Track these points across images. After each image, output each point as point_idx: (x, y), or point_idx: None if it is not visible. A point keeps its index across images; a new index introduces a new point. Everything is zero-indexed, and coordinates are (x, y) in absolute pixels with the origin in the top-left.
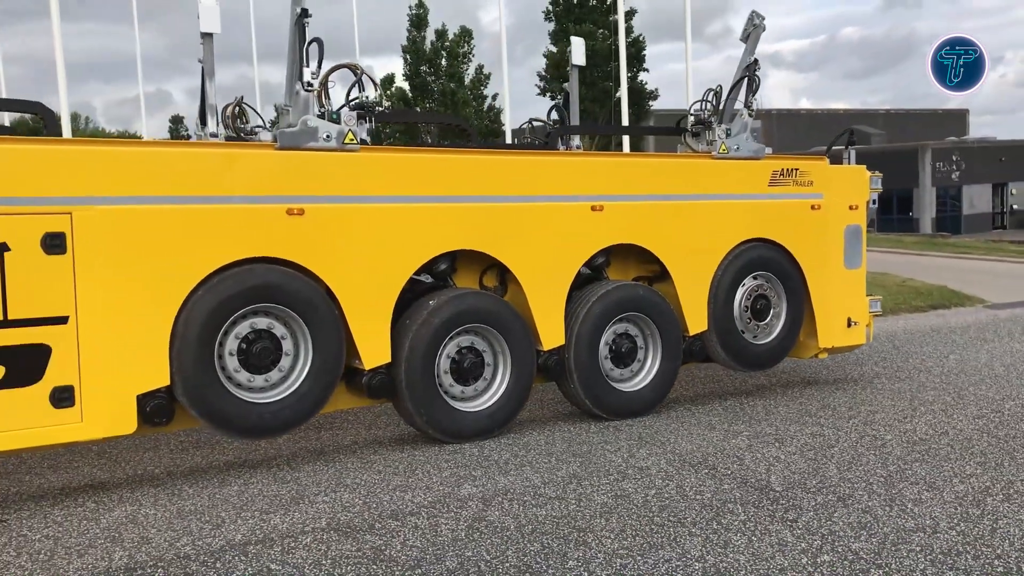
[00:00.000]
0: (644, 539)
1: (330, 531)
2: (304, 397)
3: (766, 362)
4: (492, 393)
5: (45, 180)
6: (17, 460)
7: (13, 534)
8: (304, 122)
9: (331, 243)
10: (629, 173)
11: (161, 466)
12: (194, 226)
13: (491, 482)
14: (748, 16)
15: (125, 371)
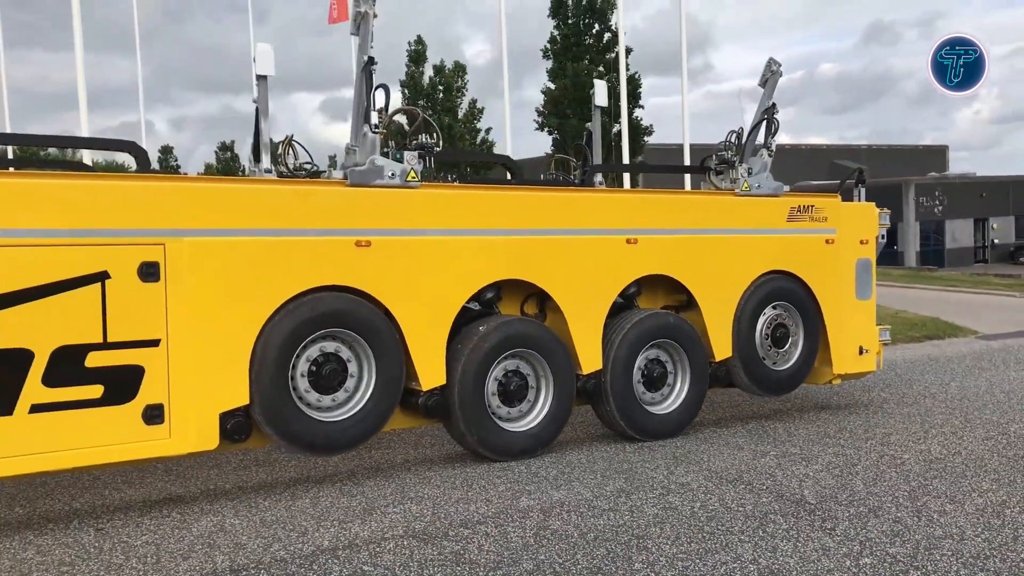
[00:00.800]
0: (699, 545)
1: (408, 538)
2: (368, 416)
3: (785, 387)
4: (536, 414)
5: (142, 213)
6: (91, 476)
7: (115, 540)
8: (372, 161)
9: (394, 273)
10: (661, 209)
11: (229, 482)
12: (273, 257)
13: (545, 496)
14: (766, 63)
15: (209, 391)
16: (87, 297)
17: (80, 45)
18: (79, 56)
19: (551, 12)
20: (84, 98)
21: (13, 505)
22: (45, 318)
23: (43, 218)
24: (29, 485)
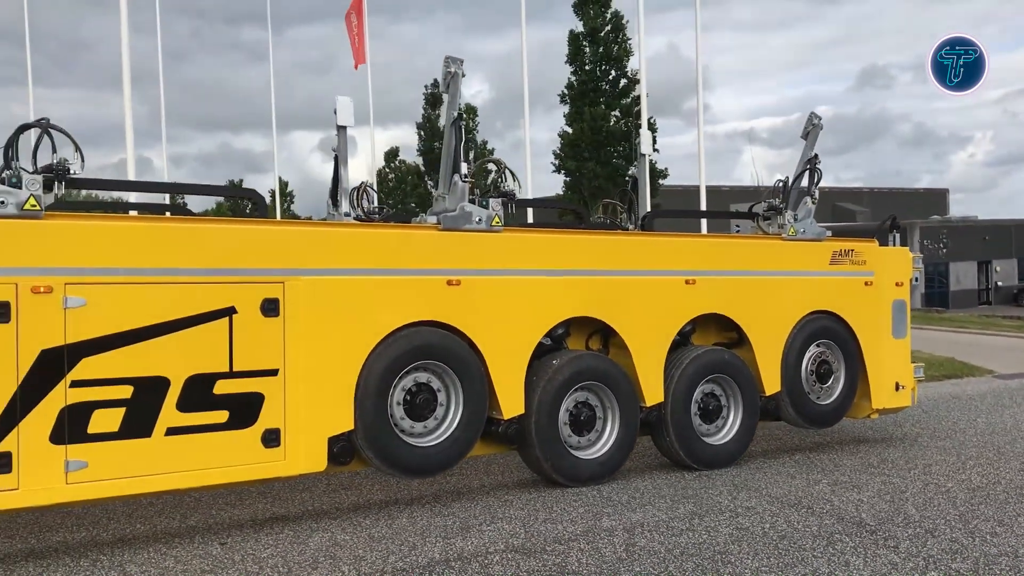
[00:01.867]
0: (777, 560)
1: (510, 552)
2: (456, 442)
3: (828, 421)
4: (603, 443)
5: (265, 254)
6: (193, 498)
7: (243, 553)
8: (461, 207)
9: (480, 309)
10: (717, 252)
11: (325, 503)
12: (376, 294)
13: (624, 517)
14: (808, 116)
15: (319, 417)
16: (217, 330)
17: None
18: (127, 96)
19: (568, 59)
20: (131, 138)
21: (133, 522)
22: (180, 349)
23: (180, 258)
24: (139, 505)
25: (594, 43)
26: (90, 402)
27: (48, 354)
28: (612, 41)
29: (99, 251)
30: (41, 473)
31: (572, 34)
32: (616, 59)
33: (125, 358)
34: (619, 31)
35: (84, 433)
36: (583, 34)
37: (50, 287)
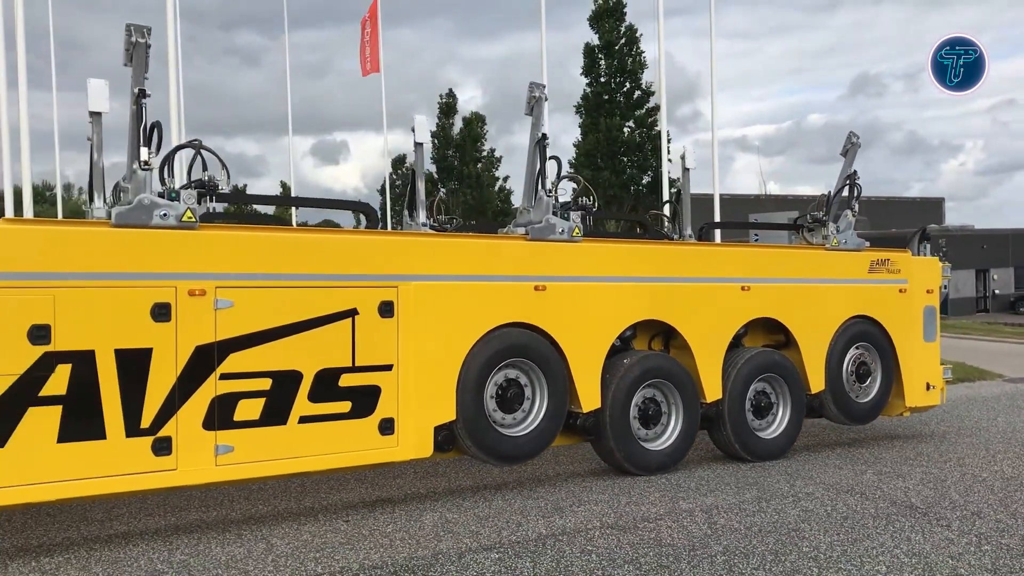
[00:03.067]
0: (846, 535)
1: (607, 528)
2: (542, 433)
3: (867, 418)
4: (668, 435)
5: (381, 262)
6: (299, 483)
7: (370, 529)
8: (547, 220)
9: (563, 312)
10: (769, 261)
11: (420, 488)
12: (475, 298)
13: (698, 501)
14: (847, 136)
15: (427, 407)
16: (341, 329)
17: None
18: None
19: (584, 71)
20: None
21: (256, 503)
22: (311, 346)
23: (312, 265)
24: (251, 490)
25: (609, 56)
26: (236, 393)
27: (201, 350)
28: (627, 54)
29: (245, 258)
30: (195, 456)
31: (588, 47)
32: (631, 71)
33: (265, 354)
34: (633, 44)
35: (231, 420)
36: (599, 47)
37: (204, 290)
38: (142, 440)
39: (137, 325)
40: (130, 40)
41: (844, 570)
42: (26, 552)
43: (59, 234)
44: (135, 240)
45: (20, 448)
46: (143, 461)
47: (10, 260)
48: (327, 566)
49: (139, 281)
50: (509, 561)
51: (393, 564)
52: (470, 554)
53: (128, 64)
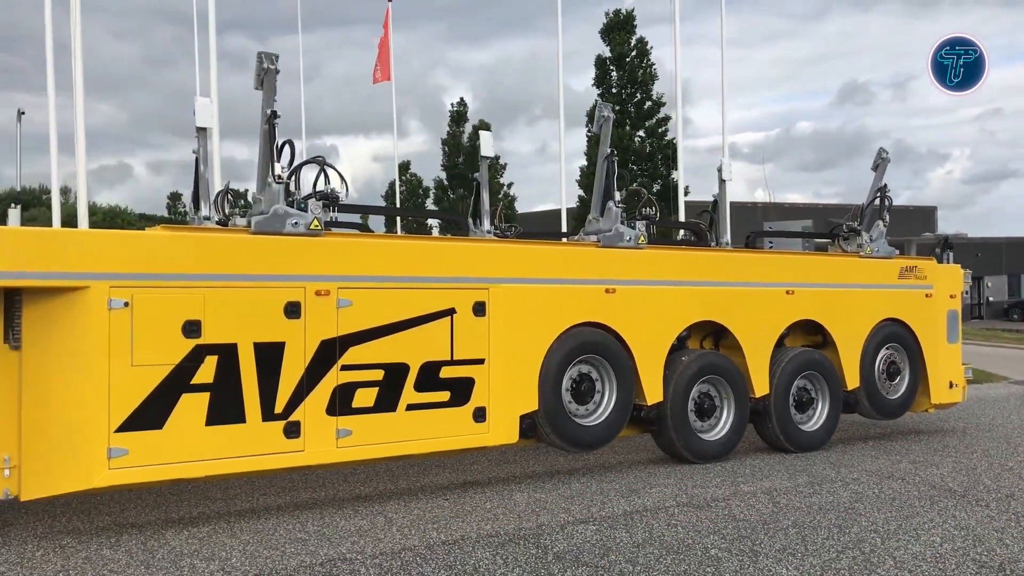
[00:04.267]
0: (898, 512)
1: (683, 506)
2: (611, 423)
3: (896, 413)
4: (721, 427)
5: (475, 266)
6: (387, 468)
7: (472, 506)
8: (616, 228)
9: (631, 313)
10: (811, 267)
11: (498, 473)
12: (555, 299)
13: (756, 484)
14: (878, 151)
15: (514, 398)
16: (442, 326)
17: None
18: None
19: (596, 82)
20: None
21: (356, 485)
22: (416, 341)
23: (418, 268)
24: (349, 472)
25: (620, 67)
26: (354, 382)
27: (325, 344)
28: (637, 66)
29: (362, 262)
30: (320, 438)
31: (599, 58)
32: (641, 83)
33: (378, 348)
34: (644, 56)
35: (350, 407)
36: (610, 59)
37: (327, 290)
38: (276, 424)
39: (272, 321)
40: (262, 67)
41: (903, 540)
42: (179, 523)
43: (208, 240)
44: (271, 246)
45: (175, 430)
46: (276, 443)
47: (168, 263)
48: (448, 535)
49: (274, 282)
50: (606, 532)
51: (505, 533)
52: (569, 526)
53: (259, 88)
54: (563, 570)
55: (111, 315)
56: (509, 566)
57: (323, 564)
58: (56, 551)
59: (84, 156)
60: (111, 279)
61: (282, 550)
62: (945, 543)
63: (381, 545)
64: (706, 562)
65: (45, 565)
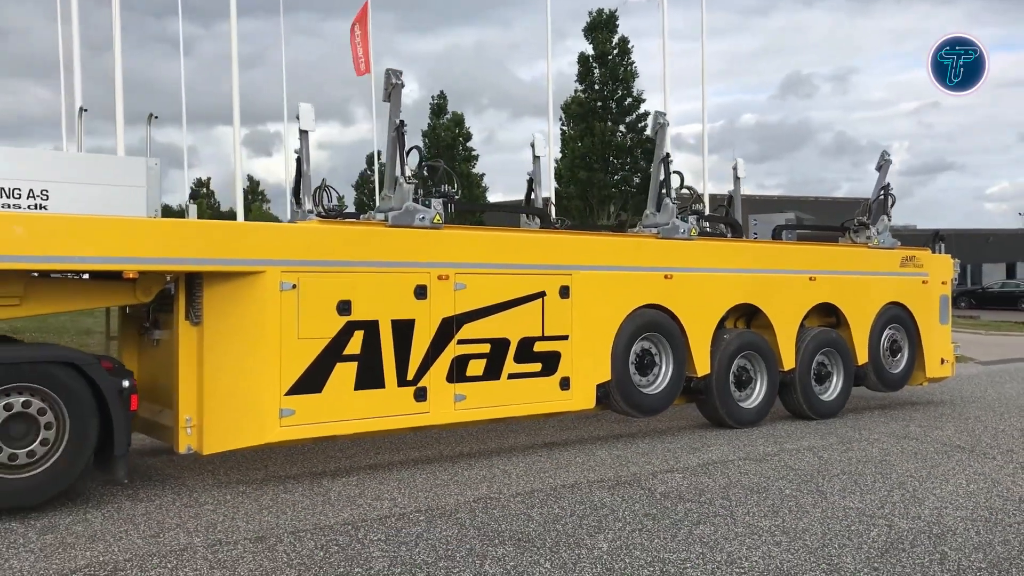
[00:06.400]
0: (923, 463)
1: (744, 460)
2: (668, 392)
3: (897, 386)
4: (756, 396)
5: (562, 255)
6: (467, 433)
7: (566, 461)
8: (672, 222)
9: (685, 296)
10: (829, 257)
11: (571, 436)
12: (624, 284)
13: (796, 444)
14: (881, 153)
15: (591, 369)
16: (535, 307)
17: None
18: None
19: (578, 79)
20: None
21: (450, 445)
22: (516, 319)
23: (517, 256)
24: (446, 433)
25: (603, 65)
26: (467, 354)
27: (446, 321)
28: (619, 64)
29: (474, 251)
30: (441, 402)
31: (582, 56)
32: (623, 80)
33: (486, 324)
34: (625, 55)
35: (464, 375)
36: (593, 56)
37: (447, 275)
38: (407, 390)
39: (405, 301)
40: (390, 82)
41: (936, 483)
42: (308, 475)
43: (356, 232)
44: (404, 237)
45: (331, 393)
46: (408, 406)
47: (325, 251)
48: (561, 480)
49: (406, 268)
50: (692, 478)
51: (610, 480)
52: (660, 474)
53: (386, 101)
54: (673, 505)
55: (282, 296)
56: (628, 502)
57: (476, 501)
58: (235, 497)
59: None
60: (282, 265)
61: (436, 492)
62: (970, 484)
63: (513, 488)
64: (786, 499)
65: (233, 509)
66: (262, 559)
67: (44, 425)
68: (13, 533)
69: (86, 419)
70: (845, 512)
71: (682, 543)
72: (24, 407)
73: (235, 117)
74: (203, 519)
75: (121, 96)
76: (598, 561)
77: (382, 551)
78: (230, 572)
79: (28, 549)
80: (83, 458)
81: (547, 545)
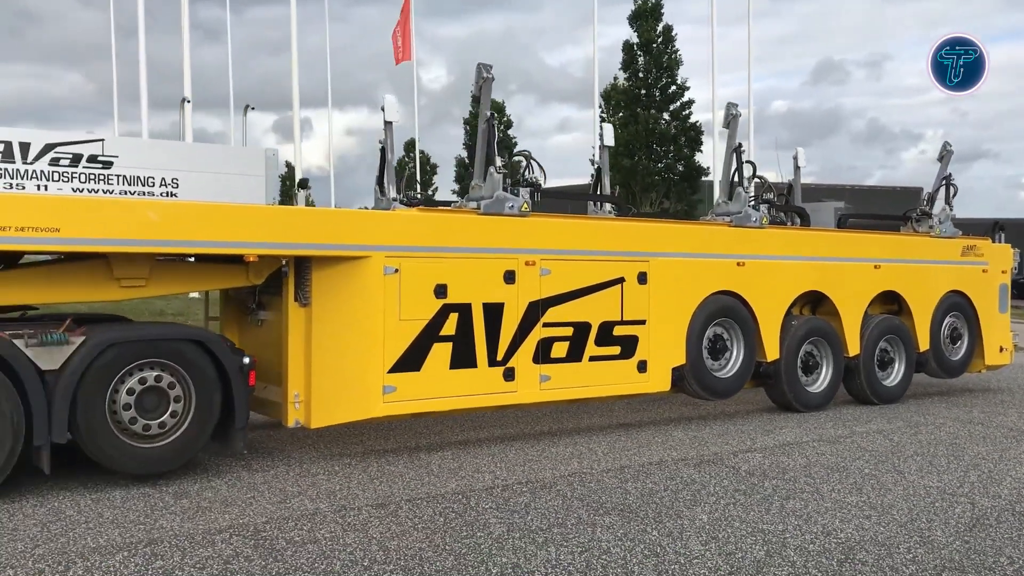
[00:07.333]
0: (992, 447)
1: (818, 442)
2: (740, 376)
3: (957, 372)
4: (822, 381)
5: (640, 242)
6: (559, 410)
7: (646, 441)
8: (745, 211)
9: (756, 283)
10: (893, 245)
11: (643, 418)
12: (699, 271)
13: (866, 427)
14: (943, 144)
15: (667, 352)
16: (614, 292)
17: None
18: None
19: (623, 66)
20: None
21: (529, 424)
22: (596, 303)
23: (599, 243)
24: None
25: (647, 53)
26: (552, 337)
27: (532, 305)
28: (663, 52)
29: (558, 238)
30: (528, 382)
31: (626, 44)
32: (667, 68)
33: (569, 309)
34: (669, 43)
35: (549, 357)
36: (637, 44)
37: (534, 261)
38: (497, 369)
39: (495, 286)
40: (481, 76)
41: (1010, 465)
42: (405, 449)
43: (452, 219)
44: (494, 224)
45: (428, 372)
46: (497, 385)
47: (424, 237)
48: (648, 457)
49: (497, 254)
50: (772, 458)
51: (692, 458)
52: (741, 454)
53: (477, 94)
54: (760, 481)
55: (385, 279)
56: (715, 479)
57: (571, 475)
58: (343, 468)
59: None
60: (386, 250)
61: (530, 466)
62: None
63: (602, 464)
64: (866, 477)
65: (345, 479)
66: (389, 523)
67: (173, 398)
68: (151, 498)
69: (211, 393)
70: (927, 490)
71: (776, 516)
72: (156, 381)
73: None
74: (320, 488)
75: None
76: (702, 530)
77: (497, 518)
78: (363, 534)
79: (171, 511)
80: (207, 430)
81: (649, 516)
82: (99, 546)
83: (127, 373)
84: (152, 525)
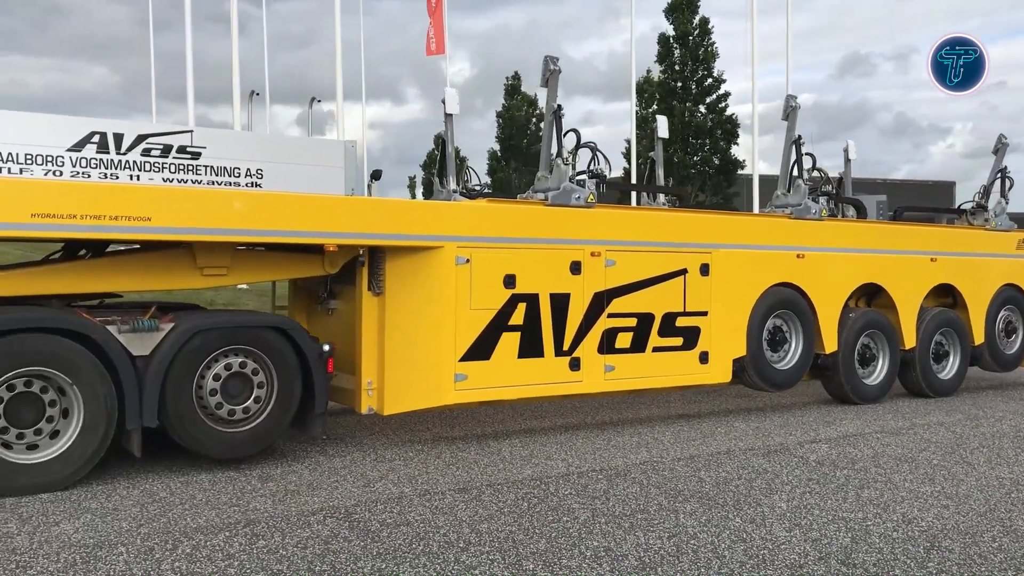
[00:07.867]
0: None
1: (881, 433)
2: (798, 368)
3: (1012, 366)
4: (878, 374)
5: (702, 234)
6: (619, 400)
7: (709, 431)
8: (804, 203)
9: (815, 275)
10: (949, 238)
11: (704, 408)
12: (759, 263)
13: (926, 419)
14: (998, 136)
15: (728, 345)
16: (677, 283)
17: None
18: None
19: (658, 59)
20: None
21: (591, 414)
22: (660, 295)
23: (662, 235)
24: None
25: (684, 46)
26: (616, 328)
27: (597, 296)
28: (699, 44)
29: (623, 229)
30: (593, 372)
31: (662, 36)
32: (703, 60)
33: (633, 299)
34: (706, 35)
35: (613, 347)
36: (673, 37)
37: (599, 252)
38: (563, 359)
39: (562, 276)
40: (548, 68)
41: None
42: (474, 437)
43: (520, 211)
44: (561, 216)
45: (498, 360)
46: (563, 374)
47: (494, 228)
48: (715, 447)
49: (563, 245)
50: (838, 448)
51: (759, 448)
52: (807, 444)
53: (544, 86)
54: (831, 471)
55: (457, 269)
56: (785, 468)
57: (643, 463)
58: (416, 455)
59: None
60: (458, 240)
61: (600, 455)
62: None
63: (671, 453)
64: (936, 468)
65: (422, 464)
66: (475, 507)
67: (257, 384)
68: (237, 481)
69: (292, 379)
70: (999, 481)
71: (854, 504)
72: (241, 367)
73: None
74: (400, 472)
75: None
76: (783, 517)
77: (579, 504)
78: (451, 517)
79: (260, 494)
80: (288, 415)
81: (729, 503)
82: (200, 526)
83: (213, 359)
84: (246, 507)
